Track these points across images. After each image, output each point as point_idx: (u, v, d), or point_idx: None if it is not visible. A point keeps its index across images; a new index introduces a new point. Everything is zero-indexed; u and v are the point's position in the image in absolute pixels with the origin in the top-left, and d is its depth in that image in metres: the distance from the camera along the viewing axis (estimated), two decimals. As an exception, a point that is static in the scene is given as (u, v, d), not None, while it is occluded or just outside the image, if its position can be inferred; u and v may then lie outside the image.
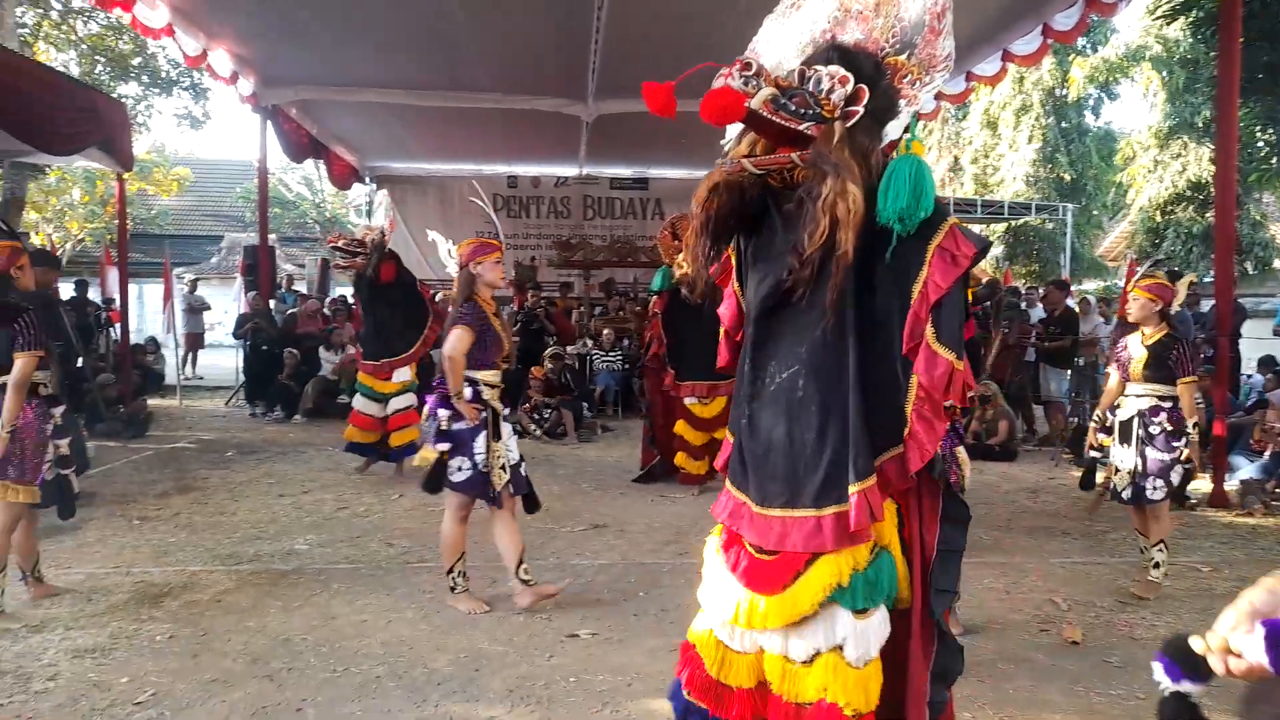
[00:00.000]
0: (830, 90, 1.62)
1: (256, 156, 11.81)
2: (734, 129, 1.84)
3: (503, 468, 3.89)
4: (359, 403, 6.78)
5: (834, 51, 1.70)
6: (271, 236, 13.10)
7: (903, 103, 1.73)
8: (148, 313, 20.33)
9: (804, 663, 1.75)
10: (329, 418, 9.81)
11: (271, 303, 11.95)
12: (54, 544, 4.77)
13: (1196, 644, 1.15)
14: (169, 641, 3.62)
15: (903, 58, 1.73)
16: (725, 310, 1.99)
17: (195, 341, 15.29)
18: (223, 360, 14.86)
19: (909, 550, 1.79)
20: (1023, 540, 5.38)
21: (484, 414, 3.87)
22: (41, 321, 3.73)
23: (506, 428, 4.00)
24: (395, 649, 3.57)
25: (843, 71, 1.62)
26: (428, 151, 14.66)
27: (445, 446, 3.84)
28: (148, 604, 4.04)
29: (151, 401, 10.36)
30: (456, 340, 3.82)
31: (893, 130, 1.77)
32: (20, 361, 3.62)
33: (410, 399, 6.75)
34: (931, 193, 1.63)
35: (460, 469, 3.85)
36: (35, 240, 18.29)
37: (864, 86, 1.64)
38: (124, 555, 4.81)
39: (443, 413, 3.85)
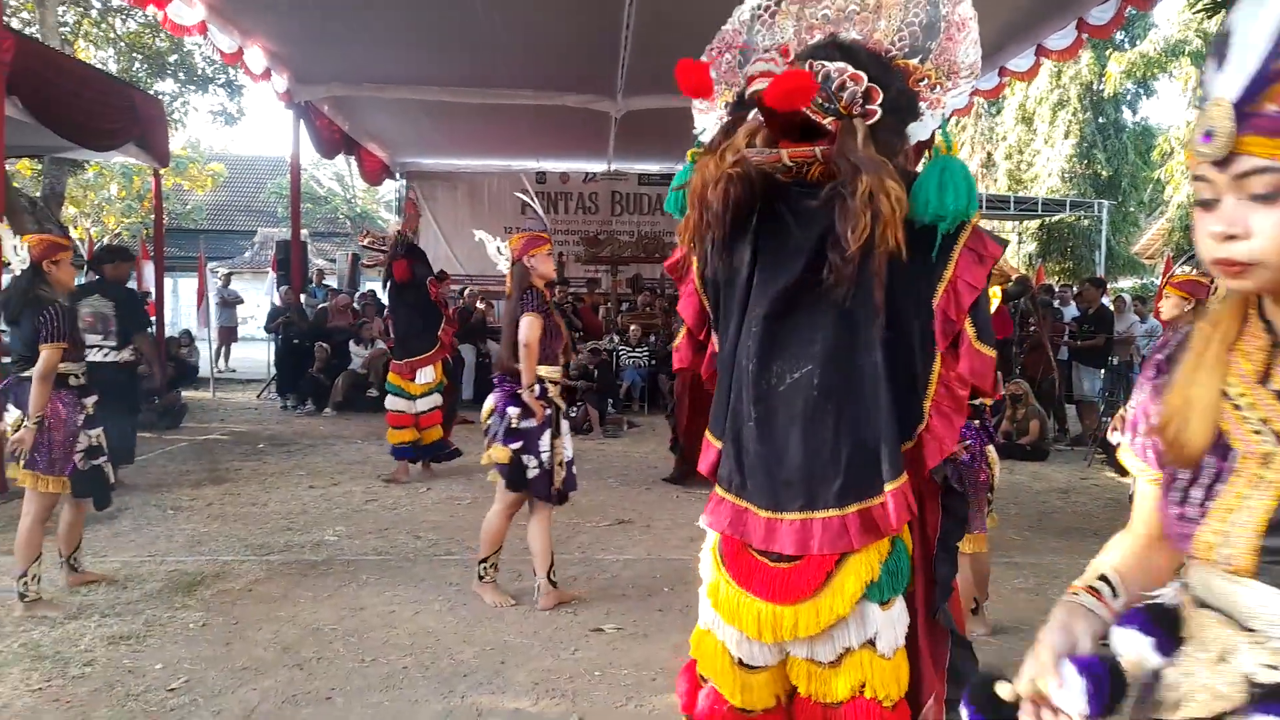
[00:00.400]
0: (841, 86, 1.59)
1: (289, 152, 11.96)
2: (703, 120, 1.83)
3: (559, 465, 3.89)
4: (390, 401, 6.78)
5: (835, 49, 1.65)
6: (303, 232, 13.25)
7: (923, 105, 1.70)
8: (182, 306, 20.69)
9: (830, 663, 1.73)
10: (358, 411, 9.94)
11: (303, 297, 12.09)
12: (90, 532, 4.84)
13: (1004, 690, 1.08)
14: (201, 629, 3.68)
15: (914, 61, 1.69)
16: (686, 310, 1.91)
17: (228, 335, 15.52)
18: (255, 353, 15.06)
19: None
20: (1053, 541, 5.32)
21: (548, 411, 3.86)
22: (66, 316, 3.75)
23: (565, 424, 4.00)
24: (422, 640, 3.61)
25: (852, 69, 1.59)
26: (457, 147, 14.75)
27: (518, 445, 3.83)
28: (181, 593, 4.12)
29: (185, 394, 10.52)
30: (529, 327, 3.77)
31: (916, 132, 1.74)
32: (45, 353, 3.65)
33: (436, 399, 6.77)
34: (974, 193, 1.62)
35: (529, 467, 3.85)
36: (74, 234, 18.67)
37: (875, 86, 1.61)
38: (158, 544, 4.90)
39: (512, 410, 3.83)
